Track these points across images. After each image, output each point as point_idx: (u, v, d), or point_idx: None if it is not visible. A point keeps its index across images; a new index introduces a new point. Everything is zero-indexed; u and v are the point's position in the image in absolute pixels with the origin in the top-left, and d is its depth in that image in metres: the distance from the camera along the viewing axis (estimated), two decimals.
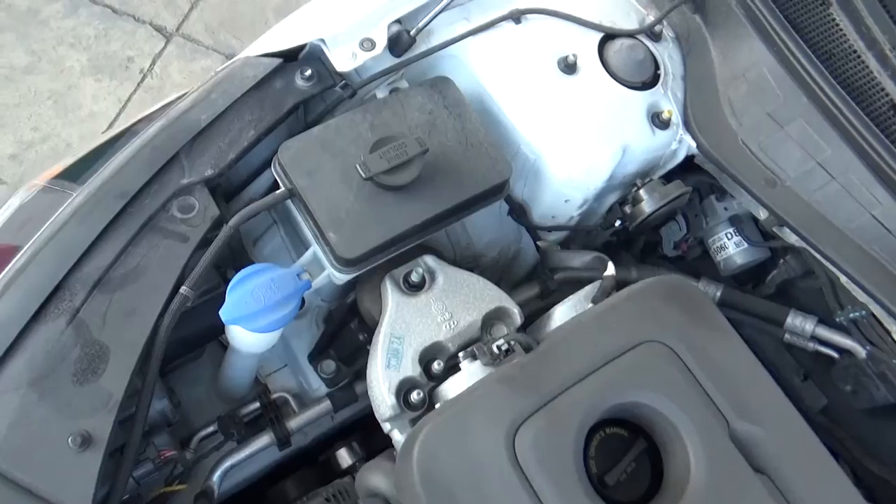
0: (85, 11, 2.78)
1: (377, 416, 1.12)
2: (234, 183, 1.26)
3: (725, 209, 1.44)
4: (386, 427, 1.11)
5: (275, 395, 1.33)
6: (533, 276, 1.43)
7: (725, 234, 1.46)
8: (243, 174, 1.25)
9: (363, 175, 1.03)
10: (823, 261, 1.18)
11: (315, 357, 1.32)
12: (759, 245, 1.43)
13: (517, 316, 1.14)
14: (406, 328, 1.10)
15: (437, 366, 1.08)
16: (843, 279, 1.19)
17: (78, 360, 0.95)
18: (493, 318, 1.15)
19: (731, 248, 1.45)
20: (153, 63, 2.74)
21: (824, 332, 1.43)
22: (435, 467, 0.92)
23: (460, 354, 1.08)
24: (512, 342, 1.01)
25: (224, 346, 1.29)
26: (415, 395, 1.07)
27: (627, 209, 1.21)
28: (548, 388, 0.95)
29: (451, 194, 1.10)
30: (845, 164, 1.12)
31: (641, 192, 1.18)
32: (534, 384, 0.95)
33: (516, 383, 0.96)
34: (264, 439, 1.25)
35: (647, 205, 1.17)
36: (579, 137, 1.19)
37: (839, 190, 1.12)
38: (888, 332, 1.26)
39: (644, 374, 0.97)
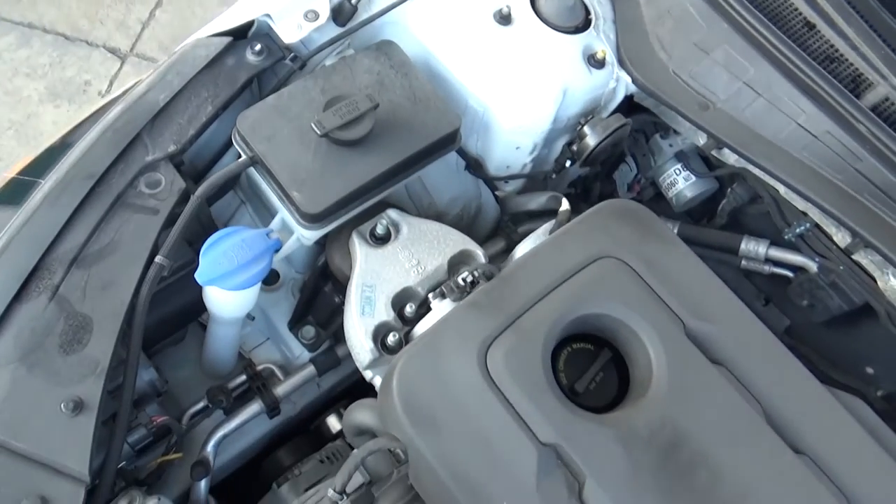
0: (37, 41, 2.81)
1: (358, 365, 1.17)
2: (200, 166, 1.31)
3: (670, 146, 1.51)
4: (367, 375, 1.16)
5: (260, 367, 1.37)
6: (497, 231, 1.50)
7: (674, 171, 1.53)
8: (207, 156, 1.30)
9: (318, 132, 1.09)
10: (761, 174, 1.26)
11: (294, 325, 1.37)
12: (706, 176, 1.50)
13: (481, 257, 1.20)
14: (376, 277, 1.16)
15: (409, 309, 1.14)
16: (782, 189, 1.27)
17: (63, 333, 0.99)
18: (458, 262, 1.20)
19: (681, 182, 1.53)
20: (111, 84, 2.77)
21: (777, 253, 1.50)
22: (414, 393, 0.97)
23: (430, 295, 1.13)
24: (476, 273, 1.07)
25: (205, 326, 1.33)
26: (391, 339, 1.12)
27: (574, 147, 1.28)
28: (513, 308, 1.01)
29: (405, 146, 1.16)
30: (769, 81, 1.20)
31: (585, 128, 1.25)
32: (499, 306, 1.01)
33: (482, 307, 1.01)
34: (254, 407, 1.29)
35: (591, 139, 1.24)
36: (521, 84, 1.25)
37: (766, 105, 1.20)
38: (831, 239, 1.33)
39: (601, 286, 1.04)
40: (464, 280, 1.07)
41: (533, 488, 0.92)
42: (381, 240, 1.18)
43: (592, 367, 1.04)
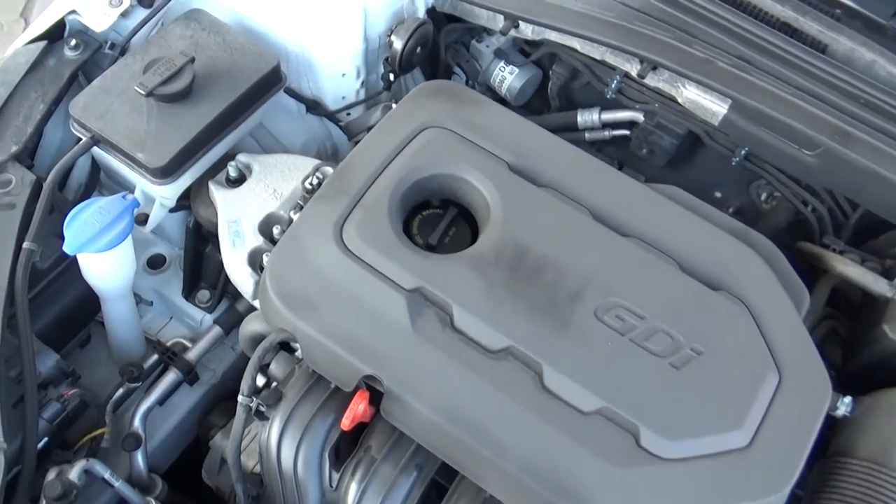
0: None
1: (247, 298, 1.25)
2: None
3: (487, 47, 1.66)
4: (257, 304, 1.24)
5: (169, 343, 1.44)
6: None
7: (499, 69, 1.68)
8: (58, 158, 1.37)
9: (143, 92, 1.18)
10: (558, 36, 1.41)
11: (188, 294, 1.44)
12: (526, 63, 1.66)
13: (329, 170, 1.30)
14: (240, 212, 1.25)
15: (276, 231, 1.23)
16: (579, 45, 1.42)
17: None
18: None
19: (508, 76, 1.67)
20: None
21: (609, 116, 1.66)
22: (286, 285, 1.07)
23: (291, 213, 1.23)
24: (318, 175, 1.18)
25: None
26: (265, 260, 1.21)
27: (389, 58, 1.41)
28: (354, 190, 1.12)
29: (230, 91, 1.26)
30: None
31: (392, 37, 1.38)
32: (342, 191, 1.12)
33: (328, 196, 1.12)
34: (170, 376, 1.36)
35: (398, 43, 1.37)
36: (326, 15, 1.37)
37: None
38: (632, 79, 1.49)
39: (428, 151, 1.16)
40: (310, 184, 1.18)
41: (410, 331, 1.03)
42: (237, 181, 1.28)
43: (441, 223, 1.15)
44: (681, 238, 1.12)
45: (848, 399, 1.07)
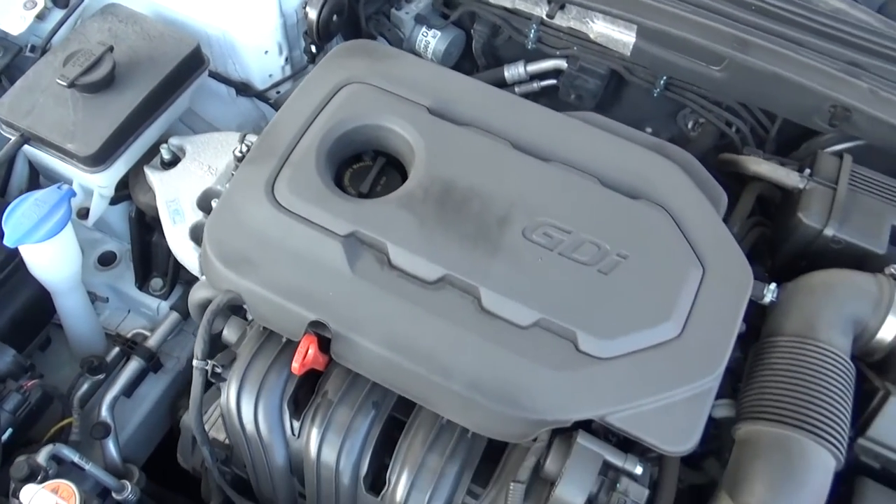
0: None
1: (193, 272, 1.28)
2: None
3: (407, 13, 1.71)
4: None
5: (130, 335, 1.46)
6: None
7: (421, 34, 1.73)
8: None
9: (65, 84, 1.20)
10: None
11: (141, 284, 1.46)
12: (446, 26, 1.70)
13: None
14: (177, 191, 1.28)
15: (214, 204, 1.26)
16: None
17: None
18: None
19: (431, 40, 1.72)
20: None
21: (534, 67, 1.71)
22: (225, 246, 1.09)
23: (227, 185, 1.26)
24: (245, 142, 1.21)
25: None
26: None
27: (309, 34, 1.45)
28: (281, 150, 1.15)
29: (153, 76, 1.29)
30: None
31: (307, 8, 1.42)
32: (270, 153, 1.15)
33: (257, 159, 1.15)
34: (132, 365, 1.38)
35: (312, 12, 1.41)
36: None
37: None
38: (549, 25, 1.55)
39: (349, 105, 1.19)
40: (239, 153, 1.21)
41: (350, 274, 1.07)
42: (171, 163, 1.31)
43: (371, 173, 1.19)
44: (599, 156, 1.17)
45: (773, 286, 1.13)
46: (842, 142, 1.39)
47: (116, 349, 1.42)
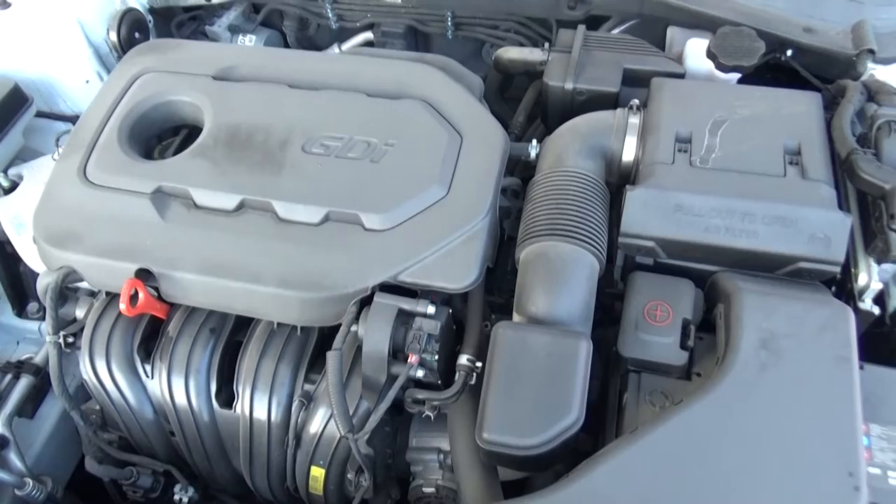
0: None
1: None
2: None
3: (220, 26, 1.87)
4: None
5: (17, 360, 1.56)
6: None
7: (238, 41, 1.90)
8: None
9: None
10: None
11: (19, 311, 1.58)
12: (257, 28, 1.88)
13: None
14: (19, 209, 1.41)
15: None
16: None
17: None
18: None
19: (248, 44, 1.89)
20: None
21: (346, 46, 1.89)
22: (50, 228, 1.23)
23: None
24: (59, 145, 1.35)
25: None
26: None
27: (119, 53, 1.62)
28: (88, 139, 1.30)
29: None
30: None
31: (108, 33, 1.59)
32: (79, 144, 1.29)
33: (68, 153, 1.29)
34: (23, 381, 1.48)
35: (112, 35, 1.59)
36: (43, 35, 1.56)
37: None
38: (339, 1, 1.73)
39: (144, 89, 1.35)
40: (57, 155, 1.35)
41: (162, 223, 1.20)
42: (11, 189, 1.44)
43: (175, 142, 1.34)
44: (363, 75, 1.33)
45: (534, 142, 1.29)
46: (619, 26, 1.57)
47: (9, 376, 1.52)
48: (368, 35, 1.87)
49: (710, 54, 1.30)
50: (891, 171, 1.08)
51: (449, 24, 1.73)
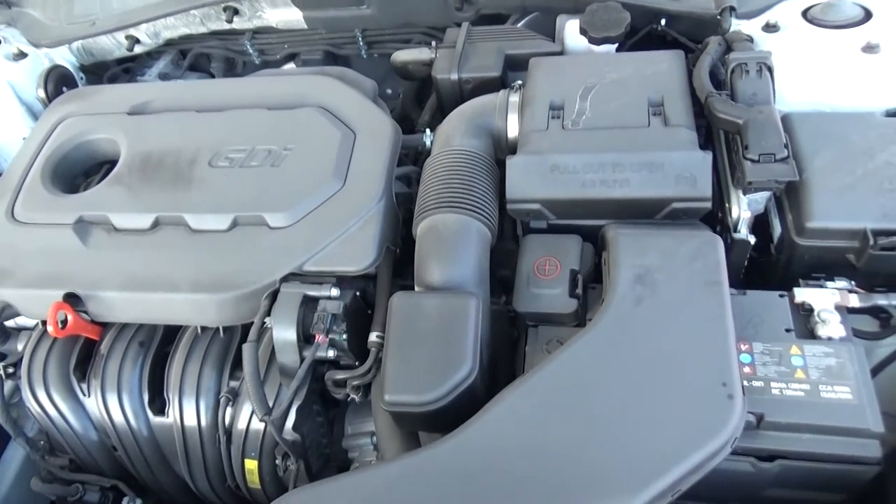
0: None
1: None
2: None
3: (150, 76, 1.99)
4: None
5: None
6: None
7: None
8: None
9: None
10: (173, 32, 1.76)
11: None
12: (186, 72, 1.99)
13: None
14: None
15: None
16: (184, 29, 1.77)
17: None
18: None
19: None
20: None
21: None
22: None
23: None
24: None
25: None
26: None
27: None
28: (14, 183, 1.39)
29: None
30: None
31: (38, 91, 1.70)
32: (7, 188, 1.38)
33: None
34: None
35: (41, 91, 1.69)
36: None
37: None
38: (261, 31, 1.84)
39: (66, 132, 1.45)
40: None
41: (85, 249, 1.28)
42: None
43: (97, 177, 1.43)
44: (264, 92, 1.43)
45: (428, 131, 1.37)
46: (517, 22, 1.66)
47: None
48: (291, 65, 1.98)
49: (582, 30, 1.39)
50: (743, 108, 1.15)
51: (361, 43, 1.84)
